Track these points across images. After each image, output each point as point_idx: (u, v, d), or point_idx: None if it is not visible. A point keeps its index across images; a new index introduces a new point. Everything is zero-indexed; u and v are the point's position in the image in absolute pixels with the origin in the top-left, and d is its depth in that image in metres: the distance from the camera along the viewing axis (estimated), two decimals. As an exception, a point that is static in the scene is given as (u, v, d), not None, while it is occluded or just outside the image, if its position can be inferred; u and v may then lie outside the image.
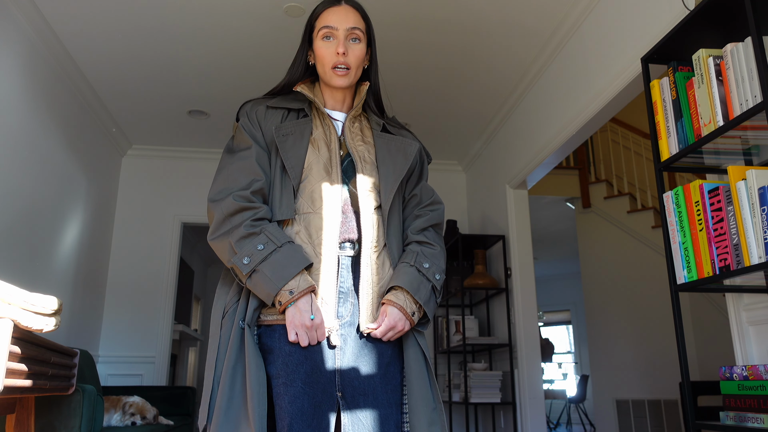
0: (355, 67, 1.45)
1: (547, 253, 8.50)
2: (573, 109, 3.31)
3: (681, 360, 1.81)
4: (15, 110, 3.10)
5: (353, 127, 1.49)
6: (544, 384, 6.84)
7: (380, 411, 1.28)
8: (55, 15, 3.22)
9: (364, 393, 1.28)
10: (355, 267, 1.36)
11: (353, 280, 1.35)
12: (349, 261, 1.36)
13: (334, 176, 1.38)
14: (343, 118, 1.51)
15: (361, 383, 1.28)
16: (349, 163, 1.43)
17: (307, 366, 1.25)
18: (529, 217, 4.28)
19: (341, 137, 1.47)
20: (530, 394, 3.96)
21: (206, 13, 3.21)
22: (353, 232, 1.37)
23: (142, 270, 4.72)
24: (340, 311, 1.32)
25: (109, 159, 4.63)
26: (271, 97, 1.51)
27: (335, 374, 1.27)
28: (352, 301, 1.34)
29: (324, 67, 1.45)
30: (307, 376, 1.24)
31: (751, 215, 1.57)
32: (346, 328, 1.31)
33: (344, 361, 1.29)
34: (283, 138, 1.40)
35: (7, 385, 1.48)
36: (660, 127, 1.97)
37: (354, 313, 1.33)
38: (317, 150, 1.41)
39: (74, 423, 2.31)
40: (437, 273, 1.42)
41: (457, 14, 3.25)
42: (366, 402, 1.27)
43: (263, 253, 1.26)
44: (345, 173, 1.41)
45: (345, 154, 1.44)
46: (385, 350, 1.34)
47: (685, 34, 1.92)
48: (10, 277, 2.94)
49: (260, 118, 1.45)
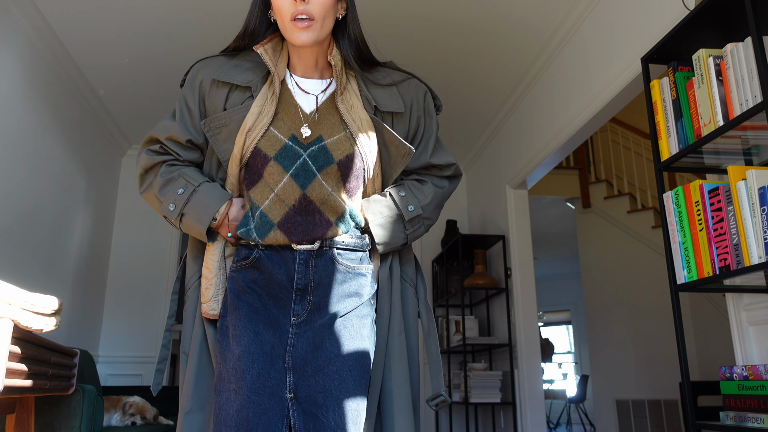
0: (321, 17, 1.18)
1: (547, 253, 8.50)
2: (573, 109, 3.31)
3: (681, 360, 1.81)
4: (15, 110, 3.10)
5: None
6: (544, 384, 6.83)
7: (350, 406, 1.15)
8: (55, 15, 3.22)
9: (325, 390, 1.15)
10: (317, 261, 1.24)
11: (313, 275, 1.23)
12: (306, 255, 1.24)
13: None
14: (317, 88, 1.28)
15: (321, 379, 1.16)
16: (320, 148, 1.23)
17: (254, 371, 1.16)
18: (529, 217, 4.28)
19: (314, 114, 1.25)
20: (530, 394, 3.96)
21: (206, 12, 3.21)
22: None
23: (142, 270, 4.72)
24: (295, 309, 1.21)
25: (109, 159, 4.63)
26: (229, 57, 1.28)
27: (286, 373, 1.16)
28: (310, 298, 1.21)
29: (283, 20, 1.19)
30: (253, 382, 1.15)
31: (751, 215, 1.57)
32: (303, 327, 1.20)
33: (297, 357, 1.17)
34: (216, 131, 1.23)
35: (7, 385, 1.48)
36: (660, 127, 1.97)
37: (311, 310, 1.21)
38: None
39: (74, 423, 2.31)
40: (411, 205, 1.28)
41: (456, 13, 3.25)
42: (329, 399, 1.15)
43: (184, 196, 1.23)
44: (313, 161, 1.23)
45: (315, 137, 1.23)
46: (356, 332, 1.21)
47: (685, 34, 1.92)
48: (10, 277, 2.95)
49: (204, 91, 1.26)
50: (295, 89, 1.28)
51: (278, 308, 1.21)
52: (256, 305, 1.21)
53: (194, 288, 1.31)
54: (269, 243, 1.22)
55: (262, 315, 1.20)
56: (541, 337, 7.03)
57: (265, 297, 1.22)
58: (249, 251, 1.24)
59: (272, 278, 1.21)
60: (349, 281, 1.24)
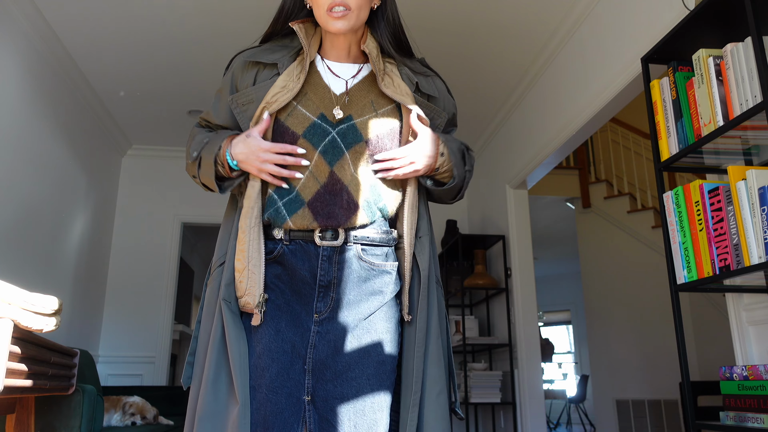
0: (357, 6, 1.21)
1: (547, 253, 8.49)
2: (573, 109, 3.31)
3: (681, 360, 1.81)
4: (15, 110, 3.10)
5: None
6: (544, 384, 6.82)
7: (368, 415, 1.13)
8: (55, 15, 3.22)
9: (342, 396, 1.14)
10: (341, 257, 1.22)
11: (338, 271, 1.21)
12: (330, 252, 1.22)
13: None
14: (348, 73, 1.30)
15: (338, 385, 1.14)
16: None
17: (273, 370, 1.15)
18: (529, 217, 4.28)
19: (345, 97, 1.26)
20: (530, 394, 3.96)
21: (206, 12, 3.21)
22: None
23: (142, 270, 4.72)
24: (318, 306, 1.20)
25: (109, 159, 4.63)
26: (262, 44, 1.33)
27: (305, 375, 1.15)
28: (333, 295, 1.20)
29: (319, 9, 1.23)
30: (272, 381, 1.14)
31: (751, 215, 1.57)
32: (325, 325, 1.18)
33: (317, 359, 1.16)
34: (243, 108, 1.25)
35: (7, 385, 1.48)
36: (660, 127, 1.97)
37: (333, 308, 1.19)
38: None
39: (74, 423, 2.31)
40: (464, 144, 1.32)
41: (456, 14, 3.25)
42: (345, 406, 1.13)
43: (203, 141, 1.26)
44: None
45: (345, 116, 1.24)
46: (379, 338, 1.17)
47: (685, 34, 1.92)
48: (10, 277, 2.94)
49: (237, 76, 1.30)
50: (326, 72, 1.29)
51: (301, 305, 1.20)
52: (279, 302, 1.20)
53: (218, 272, 1.24)
54: (295, 225, 1.20)
55: (284, 312, 1.19)
56: (541, 337, 7.03)
57: (288, 293, 1.21)
58: (273, 245, 1.22)
59: (295, 274, 1.21)
60: (373, 279, 1.22)
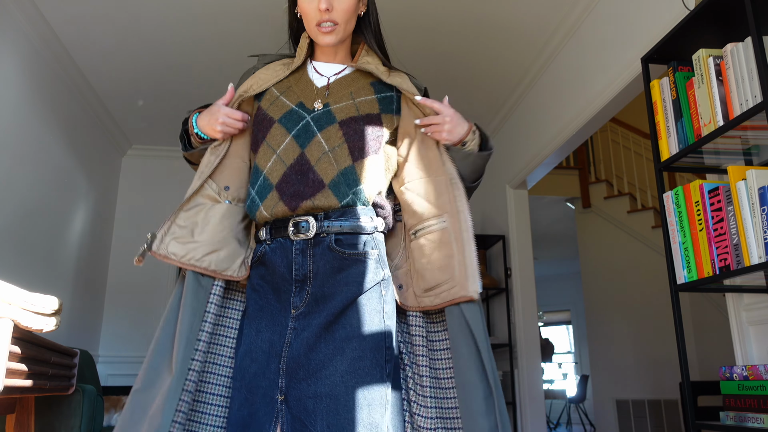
0: (344, 21, 1.29)
1: (547, 253, 8.50)
2: (573, 109, 3.31)
3: (681, 360, 1.81)
4: (15, 110, 3.10)
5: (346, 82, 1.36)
6: (544, 384, 6.82)
7: (341, 414, 1.09)
8: (55, 15, 3.21)
9: (315, 395, 1.11)
10: (315, 250, 1.23)
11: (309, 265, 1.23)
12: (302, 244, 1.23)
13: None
14: (331, 71, 1.37)
15: (312, 384, 1.12)
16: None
17: (252, 370, 1.16)
18: (529, 217, 4.28)
19: (325, 91, 1.33)
20: (530, 394, 3.96)
21: (206, 13, 3.21)
22: None
23: (142, 270, 4.71)
24: (294, 301, 1.20)
25: (109, 159, 4.63)
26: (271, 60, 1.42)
27: (279, 374, 1.14)
28: (309, 289, 1.20)
29: (309, 23, 1.30)
30: (250, 381, 1.15)
31: (751, 215, 1.57)
32: (301, 321, 1.18)
33: (291, 357, 1.14)
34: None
35: (7, 385, 1.48)
36: (660, 127, 1.97)
37: (309, 302, 1.19)
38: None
39: (74, 423, 2.31)
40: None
41: (455, 14, 3.24)
42: (318, 406, 1.10)
43: (185, 124, 1.38)
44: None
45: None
46: (355, 332, 1.15)
47: (685, 34, 1.92)
48: (10, 277, 2.94)
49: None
50: (312, 71, 1.38)
51: (280, 302, 1.22)
52: (261, 302, 1.23)
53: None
54: (267, 211, 1.24)
55: (265, 312, 1.22)
56: (541, 337, 7.03)
57: (270, 293, 1.23)
58: (259, 247, 1.27)
59: (275, 271, 1.23)
60: (347, 269, 1.20)
